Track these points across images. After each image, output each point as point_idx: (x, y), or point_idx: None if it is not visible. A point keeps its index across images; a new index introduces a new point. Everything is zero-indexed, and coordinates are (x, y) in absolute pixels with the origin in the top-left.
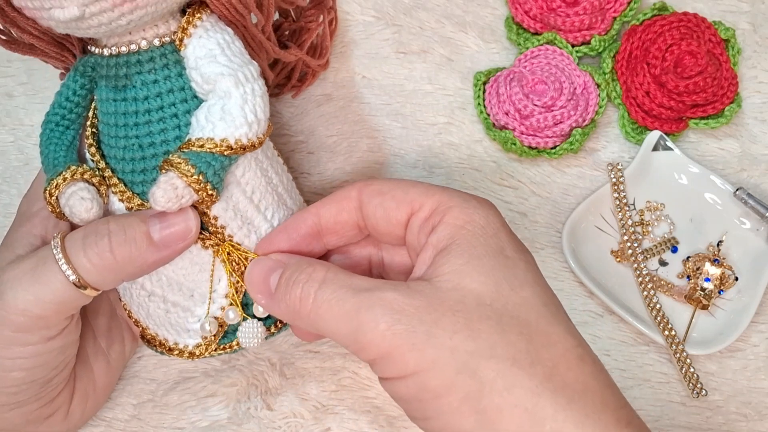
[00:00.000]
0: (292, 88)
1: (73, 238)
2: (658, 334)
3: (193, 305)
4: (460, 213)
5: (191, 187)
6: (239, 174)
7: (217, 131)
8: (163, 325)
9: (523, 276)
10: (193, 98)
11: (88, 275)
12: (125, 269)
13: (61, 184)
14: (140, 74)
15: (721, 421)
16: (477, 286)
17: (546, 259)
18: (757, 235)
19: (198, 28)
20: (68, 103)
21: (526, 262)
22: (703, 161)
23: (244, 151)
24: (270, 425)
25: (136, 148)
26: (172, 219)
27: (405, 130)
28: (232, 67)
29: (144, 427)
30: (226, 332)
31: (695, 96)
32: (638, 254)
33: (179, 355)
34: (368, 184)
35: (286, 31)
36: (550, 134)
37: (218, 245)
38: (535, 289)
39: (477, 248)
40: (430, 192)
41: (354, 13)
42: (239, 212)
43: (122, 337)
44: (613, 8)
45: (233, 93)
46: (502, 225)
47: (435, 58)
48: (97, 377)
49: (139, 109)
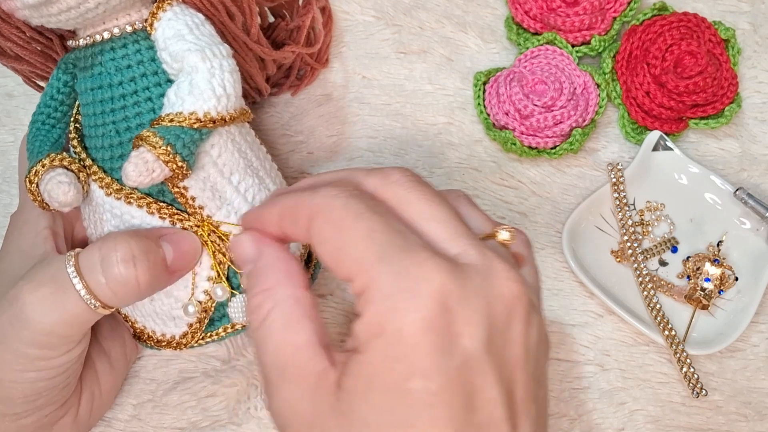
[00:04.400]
0: (291, 87)
1: (90, 263)
2: (658, 334)
3: (176, 290)
4: (375, 313)
5: (160, 160)
6: (215, 154)
7: (185, 105)
8: (149, 315)
9: (415, 417)
10: (167, 82)
11: (108, 300)
12: (145, 294)
13: (40, 171)
14: (114, 60)
15: (721, 421)
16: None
17: (546, 259)
18: (757, 235)
19: (167, 12)
20: (52, 101)
21: (431, 395)
22: (703, 161)
23: (214, 124)
24: (270, 425)
25: (114, 134)
26: (182, 239)
27: (405, 130)
28: (199, 44)
29: (144, 427)
30: (212, 320)
31: (695, 96)
32: (638, 254)
33: (167, 346)
34: (318, 220)
35: (282, 32)
36: (550, 134)
37: (197, 226)
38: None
39: (376, 378)
40: (363, 266)
41: (354, 13)
42: (217, 192)
43: (123, 338)
44: (613, 8)
45: (200, 67)
46: (431, 318)
47: (435, 58)
48: (101, 377)
49: (114, 94)
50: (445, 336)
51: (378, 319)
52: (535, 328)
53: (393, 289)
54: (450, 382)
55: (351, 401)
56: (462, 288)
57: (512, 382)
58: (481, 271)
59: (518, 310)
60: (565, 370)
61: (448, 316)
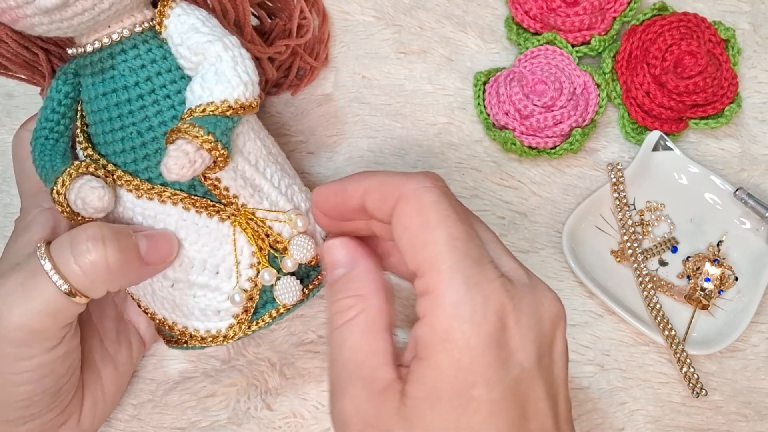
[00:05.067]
0: (291, 87)
1: (60, 246)
2: (658, 334)
3: (220, 282)
4: (444, 318)
5: (203, 149)
6: (241, 144)
7: (215, 94)
8: (192, 313)
9: (479, 423)
10: (182, 78)
11: (79, 283)
12: (115, 279)
13: (68, 180)
14: (126, 62)
15: (721, 421)
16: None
17: (546, 259)
18: (757, 235)
19: (174, 8)
20: (54, 114)
21: (493, 403)
22: (703, 161)
23: (244, 111)
24: (270, 425)
25: (135, 135)
26: (157, 234)
27: (405, 130)
28: (217, 35)
29: (144, 427)
30: (257, 308)
31: (695, 96)
32: (638, 254)
33: (213, 342)
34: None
35: (280, 33)
36: (550, 134)
37: (234, 215)
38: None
39: (440, 384)
40: (438, 267)
41: (354, 13)
42: (247, 180)
43: (129, 341)
44: (613, 8)
45: (224, 56)
46: (495, 331)
47: (435, 58)
48: (105, 383)
49: (131, 96)
50: (504, 350)
51: (446, 325)
52: (566, 345)
53: (463, 300)
54: (509, 392)
55: (415, 406)
56: (517, 307)
57: (557, 396)
58: (531, 290)
59: (560, 327)
60: None
61: (506, 333)
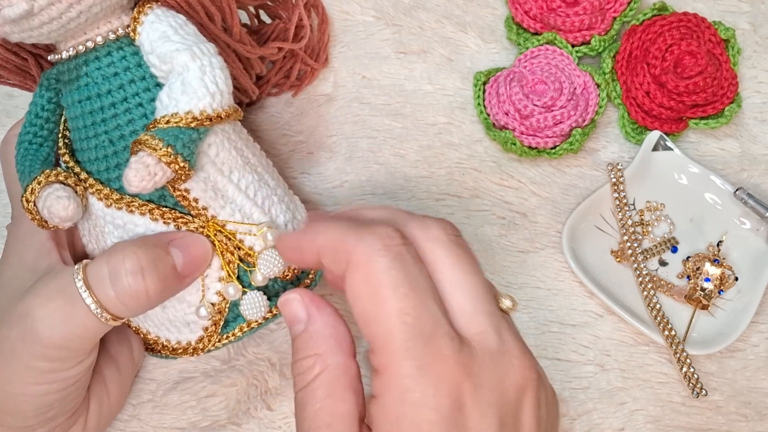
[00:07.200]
0: (291, 87)
1: (98, 276)
2: (658, 334)
3: (188, 294)
4: (394, 404)
5: (162, 162)
6: (213, 154)
7: (180, 105)
8: (162, 324)
9: None
10: (156, 86)
11: (118, 311)
12: (155, 303)
13: (36, 188)
14: (99, 69)
15: (721, 421)
16: None
17: (546, 259)
18: (757, 235)
19: (149, 15)
20: (38, 119)
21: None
22: (703, 161)
23: (210, 122)
24: (270, 425)
25: (107, 144)
26: (191, 242)
27: (405, 130)
28: (186, 43)
29: (144, 427)
30: (227, 321)
31: (695, 96)
32: (638, 254)
33: (183, 353)
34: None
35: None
36: (550, 134)
37: (202, 227)
38: None
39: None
40: (389, 346)
41: (354, 13)
42: (219, 191)
43: (129, 342)
44: (613, 8)
45: (190, 66)
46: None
47: (435, 58)
48: (109, 385)
49: (104, 104)
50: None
51: (397, 412)
52: (544, 403)
53: (414, 385)
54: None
55: None
56: (475, 383)
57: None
58: (497, 357)
59: (529, 394)
60: (565, 370)
61: (463, 413)
